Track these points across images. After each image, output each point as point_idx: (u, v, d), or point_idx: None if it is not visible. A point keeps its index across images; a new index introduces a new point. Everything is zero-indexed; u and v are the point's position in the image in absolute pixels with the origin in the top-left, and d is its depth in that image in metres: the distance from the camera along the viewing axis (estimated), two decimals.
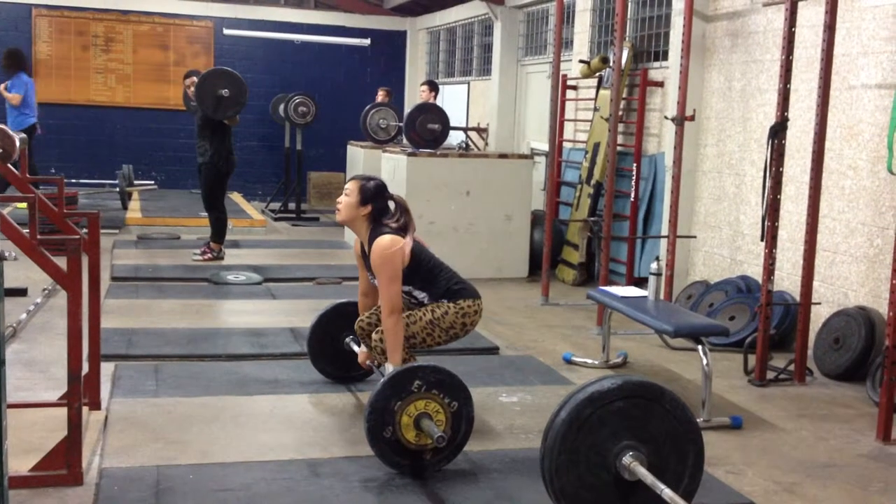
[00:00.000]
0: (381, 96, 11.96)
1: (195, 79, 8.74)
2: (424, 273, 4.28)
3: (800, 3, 5.31)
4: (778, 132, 5.26)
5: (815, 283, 5.62)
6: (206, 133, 8.56)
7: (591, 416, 3.03)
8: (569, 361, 5.68)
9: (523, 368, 5.49)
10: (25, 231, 3.45)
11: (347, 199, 4.28)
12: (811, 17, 5.98)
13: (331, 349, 4.93)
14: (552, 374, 5.40)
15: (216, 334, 6.00)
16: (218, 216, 8.78)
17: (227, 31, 13.71)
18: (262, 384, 4.93)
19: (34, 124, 10.56)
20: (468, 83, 12.69)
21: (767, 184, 5.29)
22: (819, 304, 5.74)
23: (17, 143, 2.51)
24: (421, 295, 4.31)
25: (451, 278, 4.34)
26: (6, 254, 2.50)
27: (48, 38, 13.46)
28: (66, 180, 5.18)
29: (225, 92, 8.30)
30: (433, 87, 10.67)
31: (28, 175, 4.41)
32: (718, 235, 7.14)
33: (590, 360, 5.68)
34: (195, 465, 3.78)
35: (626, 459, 3.03)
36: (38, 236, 3.50)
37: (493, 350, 5.92)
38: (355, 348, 4.75)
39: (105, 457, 3.81)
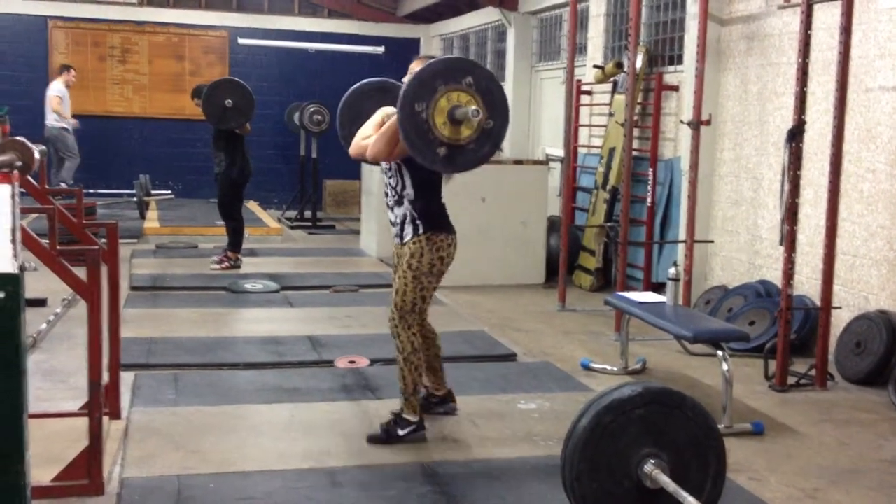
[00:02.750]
0: None
1: (198, 101, 8.76)
2: (432, 175, 4.17)
3: (815, 6, 5.29)
4: (795, 135, 5.23)
5: (836, 287, 5.58)
6: (220, 143, 8.61)
7: (611, 423, 3.02)
8: (587, 368, 5.66)
9: (541, 375, 5.47)
10: (45, 242, 3.47)
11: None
12: (827, 20, 5.95)
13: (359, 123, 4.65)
14: (570, 380, 5.38)
15: (234, 343, 6.01)
16: (235, 225, 8.82)
17: (241, 41, 13.77)
18: (280, 392, 4.94)
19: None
20: None
21: (785, 187, 5.26)
22: (839, 308, 5.70)
23: (37, 155, 2.52)
24: (409, 193, 4.19)
25: (442, 207, 4.27)
26: (27, 265, 2.52)
27: (65, 49, 13.56)
28: (83, 190, 5.21)
29: (229, 102, 8.36)
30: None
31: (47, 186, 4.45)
32: (736, 240, 7.10)
33: (608, 367, 5.66)
34: (215, 474, 3.79)
35: (648, 467, 3.01)
36: (58, 247, 3.52)
37: (511, 357, 5.91)
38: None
39: (126, 466, 3.83)
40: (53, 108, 12.31)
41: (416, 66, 4.09)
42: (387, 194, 4.31)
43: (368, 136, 4.26)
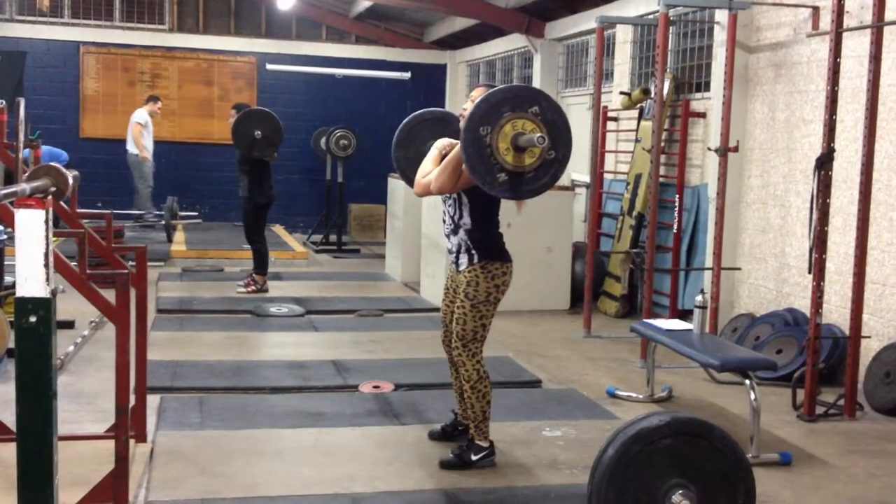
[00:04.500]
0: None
1: (234, 112, 8.89)
2: (490, 205, 4.20)
3: (844, 34, 5.27)
4: (824, 163, 5.20)
5: (865, 316, 5.52)
6: (245, 167, 8.69)
7: (639, 453, 2.99)
8: (612, 395, 5.62)
9: (566, 402, 5.44)
10: (74, 264, 3.50)
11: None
12: (856, 48, 5.93)
13: (416, 153, 4.73)
14: (596, 408, 5.35)
15: (260, 367, 6.03)
16: (259, 248, 8.87)
17: (269, 67, 13.91)
18: (305, 417, 4.94)
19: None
20: None
21: (814, 215, 5.22)
22: (868, 337, 5.63)
23: (70, 181, 2.55)
24: (466, 222, 4.23)
25: (498, 236, 4.32)
26: (57, 288, 2.54)
27: (95, 74, 13.75)
28: (112, 212, 5.26)
29: (258, 134, 8.47)
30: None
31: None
32: (764, 267, 7.05)
33: (634, 394, 5.62)
34: (240, 499, 3.79)
35: (676, 498, 2.98)
36: (87, 270, 3.55)
37: (536, 383, 5.88)
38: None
39: (151, 490, 3.84)
40: (134, 135, 12.55)
41: (477, 94, 4.14)
42: (444, 221, 4.36)
43: (429, 172, 4.28)
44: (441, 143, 4.37)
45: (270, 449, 4.42)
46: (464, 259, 4.25)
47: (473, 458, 4.23)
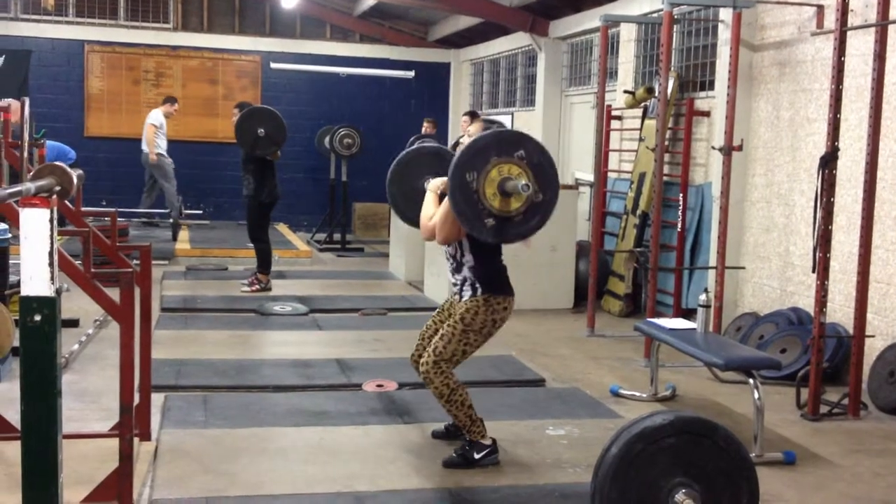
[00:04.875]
0: (426, 127, 12.05)
1: (237, 111, 8.90)
2: (489, 244, 4.20)
3: (849, 33, 5.26)
4: (829, 162, 5.19)
5: (869, 316, 5.51)
6: (249, 166, 8.70)
7: (642, 452, 3.00)
8: (616, 394, 5.62)
9: (570, 401, 5.44)
10: (79, 263, 3.51)
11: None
12: (860, 47, 5.92)
13: (410, 188, 4.79)
14: (599, 406, 5.35)
15: (263, 365, 6.04)
16: (261, 247, 8.87)
17: (273, 65, 13.93)
18: (309, 415, 4.95)
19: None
20: (512, 114, 12.72)
21: (818, 214, 5.21)
22: (873, 336, 5.62)
23: (75, 181, 2.56)
24: (469, 260, 4.23)
25: (502, 269, 4.33)
26: (61, 287, 2.55)
27: (100, 73, 13.77)
28: (117, 210, 5.27)
29: (261, 132, 8.47)
30: (475, 117, 10.72)
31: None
32: (768, 266, 7.05)
33: (637, 393, 5.62)
34: (244, 497, 3.80)
35: (679, 497, 2.98)
36: (92, 269, 3.56)
37: (539, 382, 5.88)
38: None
39: (155, 488, 3.85)
40: (147, 137, 12.58)
41: (472, 129, 4.19)
42: (448, 261, 4.38)
43: (431, 214, 4.30)
44: (434, 183, 4.39)
45: (274, 447, 4.42)
46: (467, 291, 4.27)
47: (476, 456, 4.23)
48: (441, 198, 4.27)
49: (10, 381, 5.23)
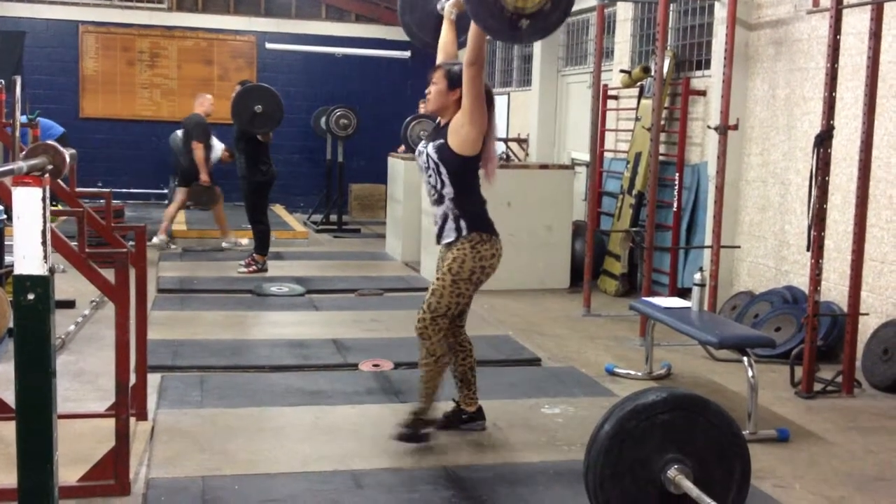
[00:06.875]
0: (423, 107, 12.02)
1: (239, 87, 8.90)
2: (469, 173, 4.15)
3: (844, 11, 5.25)
4: (824, 141, 5.19)
5: (863, 294, 5.53)
6: (241, 145, 8.70)
7: (635, 428, 3.01)
8: (611, 373, 5.64)
9: (566, 380, 5.46)
10: (74, 244, 3.51)
11: (436, 86, 4.21)
12: (856, 25, 5.90)
13: (423, 13, 4.74)
14: (595, 385, 5.37)
15: (260, 345, 6.05)
16: (260, 228, 8.87)
17: (269, 46, 13.87)
18: (305, 395, 4.96)
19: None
20: (508, 94, 12.70)
21: (813, 193, 5.22)
22: (867, 314, 5.65)
23: (68, 159, 2.55)
24: (449, 191, 4.14)
25: (482, 202, 4.23)
26: (56, 267, 2.55)
27: (95, 54, 13.72)
28: (112, 191, 5.26)
29: (258, 108, 8.46)
30: None
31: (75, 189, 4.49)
32: (763, 245, 7.06)
33: (633, 372, 5.64)
34: (240, 476, 3.82)
35: (672, 473, 3.00)
36: (87, 249, 3.56)
37: (536, 361, 5.90)
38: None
39: (152, 467, 3.86)
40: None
41: None
42: (429, 194, 4.30)
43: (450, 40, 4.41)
44: (448, 7, 4.42)
45: (271, 427, 4.44)
46: (450, 231, 4.16)
47: (423, 431, 4.21)
48: (457, 21, 4.27)
49: (7, 363, 5.24)
